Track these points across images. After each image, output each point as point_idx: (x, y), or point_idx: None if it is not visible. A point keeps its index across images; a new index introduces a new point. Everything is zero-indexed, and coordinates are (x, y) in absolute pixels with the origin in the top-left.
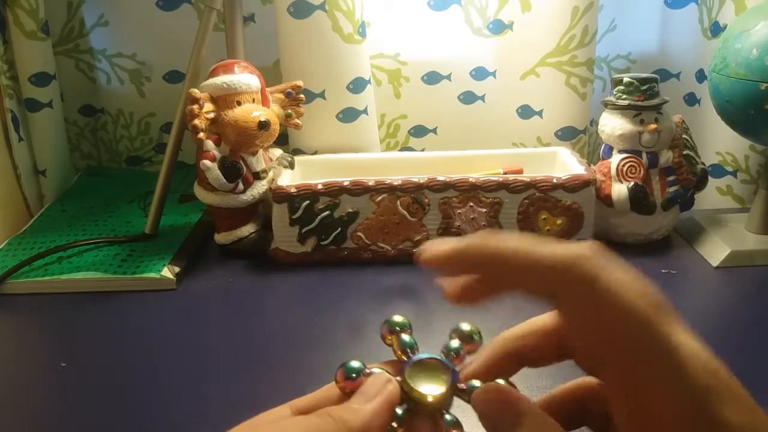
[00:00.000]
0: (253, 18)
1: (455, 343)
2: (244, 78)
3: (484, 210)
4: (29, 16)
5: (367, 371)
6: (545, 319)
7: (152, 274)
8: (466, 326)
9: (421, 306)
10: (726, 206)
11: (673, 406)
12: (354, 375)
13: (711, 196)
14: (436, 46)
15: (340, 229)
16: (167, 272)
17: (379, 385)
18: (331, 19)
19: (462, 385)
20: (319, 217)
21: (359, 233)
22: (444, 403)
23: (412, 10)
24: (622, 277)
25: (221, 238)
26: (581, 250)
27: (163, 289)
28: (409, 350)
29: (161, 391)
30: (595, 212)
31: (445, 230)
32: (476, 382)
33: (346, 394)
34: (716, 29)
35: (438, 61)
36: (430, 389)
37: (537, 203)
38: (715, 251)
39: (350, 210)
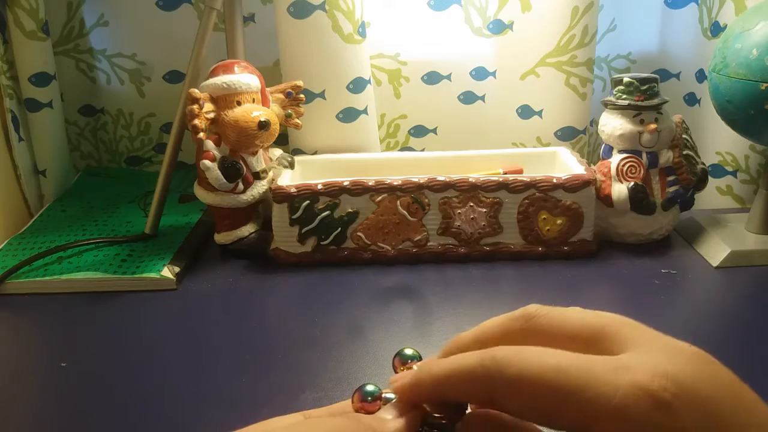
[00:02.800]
0: (253, 18)
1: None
2: (244, 78)
3: (484, 210)
4: (29, 16)
5: (383, 395)
6: (498, 324)
7: (152, 274)
8: (408, 351)
9: (421, 306)
10: (726, 206)
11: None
12: (370, 398)
13: (711, 196)
14: (436, 46)
15: (340, 229)
16: (167, 272)
17: (407, 406)
18: (331, 19)
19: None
20: (319, 217)
21: (359, 233)
22: (452, 422)
23: (412, 10)
24: (538, 357)
25: (221, 238)
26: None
27: (163, 289)
28: None
29: (161, 391)
30: (595, 212)
31: (445, 230)
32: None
33: None
34: (716, 29)
35: (438, 61)
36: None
37: (537, 203)
38: (715, 251)
39: (350, 210)
